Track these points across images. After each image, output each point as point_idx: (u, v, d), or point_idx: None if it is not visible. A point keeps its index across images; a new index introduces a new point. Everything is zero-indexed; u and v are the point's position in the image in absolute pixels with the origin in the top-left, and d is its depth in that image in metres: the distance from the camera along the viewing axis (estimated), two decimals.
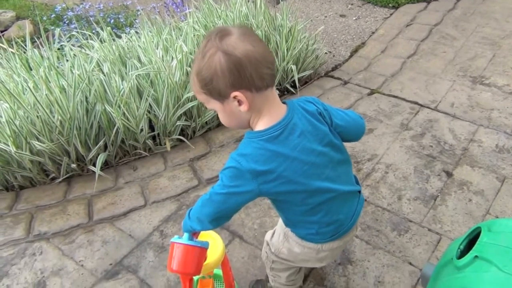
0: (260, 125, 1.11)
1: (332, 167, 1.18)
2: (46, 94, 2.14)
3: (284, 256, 1.39)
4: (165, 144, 2.48)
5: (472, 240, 1.13)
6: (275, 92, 1.12)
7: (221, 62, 1.00)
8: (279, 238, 1.38)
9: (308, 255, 1.32)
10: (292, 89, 2.88)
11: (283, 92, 2.92)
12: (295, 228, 1.29)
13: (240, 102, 1.05)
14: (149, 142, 2.42)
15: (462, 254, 1.09)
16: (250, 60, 1.00)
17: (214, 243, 1.43)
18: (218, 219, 1.17)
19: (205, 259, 1.34)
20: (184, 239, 1.24)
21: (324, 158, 1.16)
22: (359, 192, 1.33)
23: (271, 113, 1.11)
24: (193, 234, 1.28)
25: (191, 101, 2.42)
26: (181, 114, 2.42)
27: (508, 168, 2.20)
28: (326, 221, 1.22)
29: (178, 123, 2.42)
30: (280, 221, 1.38)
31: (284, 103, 1.15)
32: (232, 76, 1.01)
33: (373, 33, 3.70)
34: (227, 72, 1.00)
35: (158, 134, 2.49)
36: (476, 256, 1.04)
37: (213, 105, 1.10)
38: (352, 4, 4.29)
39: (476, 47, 3.29)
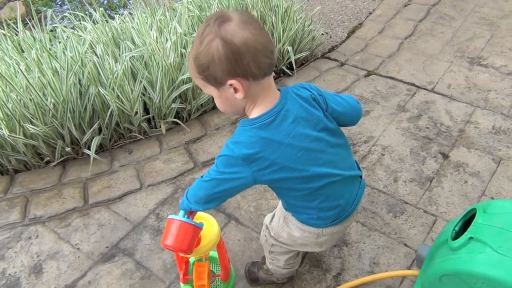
0: (255, 113, 1.12)
1: (330, 152, 1.18)
2: (38, 77, 2.11)
3: (283, 240, 1.39)
4: (160, 127, 2.46)
5: (467, 221, 1.13)
6: (271, 80, 1.12)
7: (219, 50, 0.99)
8: (279, 222, 1.38)
9: (308, 239, 1.33)
10: (288, 71, 2.85)
11: (279, 74, 2.89)
12: (296, 212, 1.29)
13: (236, 90, 1.06)
14: (144, 125, 2.40)
15: (457, 235, 1.10)
16: (248, 49, 1.00)
17: (210, 225, 1.43)
18: (214, 200, 1.21)
19: (199, 241, 1.36)
20: (180, 216, 1.29)
21: (319, 143, 1.16)
22: (360, 177, 1.32)
23: (265, 101, 1.11)
24: (189, 214, 1.32)
25: (186, 83, 2.39)
26: (176, 97, 2.40)
27: (504, 150, 2.20)
28: (326, 206, 1.23)
29: (173, 105, 2.40)
30: (280, 205, 1.38)
31: (278, 90, 1.15)
32: (229, 64, 1.00)
33: (370, 13, 3.65)
34: (225, 60, 1.00)
35: (153, 117, 2.47)
36: (471, 237, 1.04)
37: (209, 91, 1.11)
38: None
39: (474, 28, 3.25)
